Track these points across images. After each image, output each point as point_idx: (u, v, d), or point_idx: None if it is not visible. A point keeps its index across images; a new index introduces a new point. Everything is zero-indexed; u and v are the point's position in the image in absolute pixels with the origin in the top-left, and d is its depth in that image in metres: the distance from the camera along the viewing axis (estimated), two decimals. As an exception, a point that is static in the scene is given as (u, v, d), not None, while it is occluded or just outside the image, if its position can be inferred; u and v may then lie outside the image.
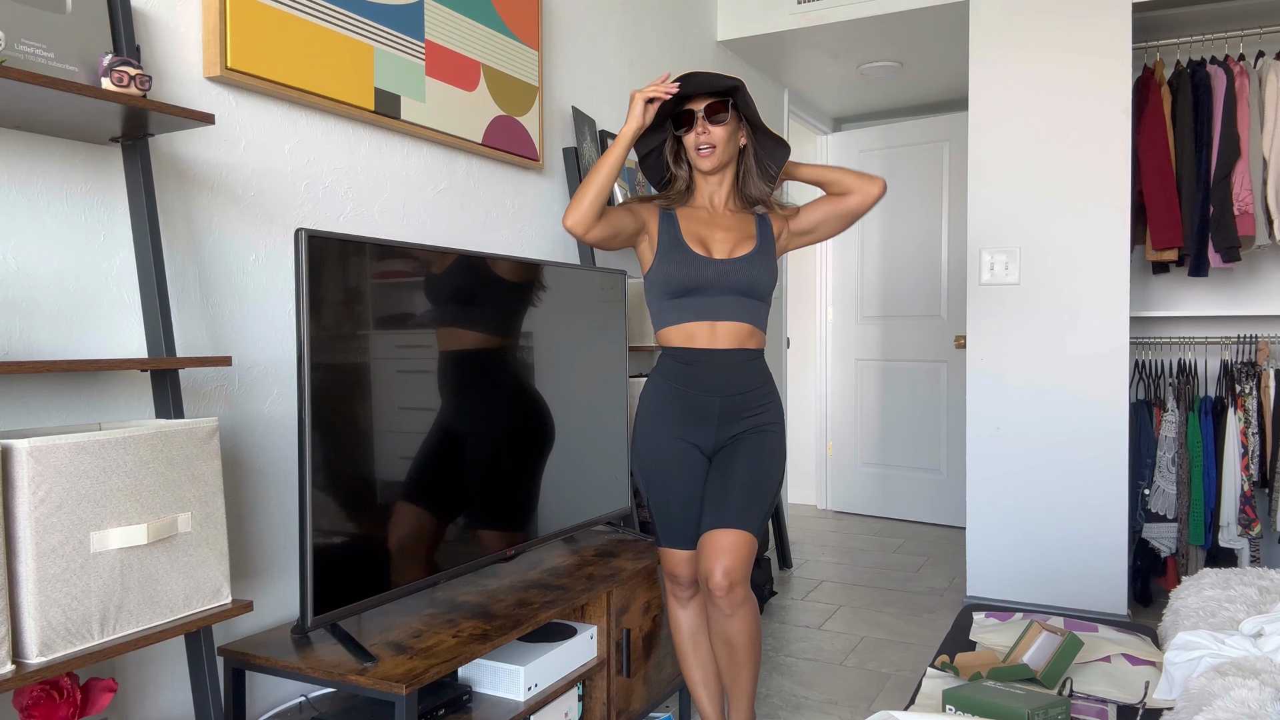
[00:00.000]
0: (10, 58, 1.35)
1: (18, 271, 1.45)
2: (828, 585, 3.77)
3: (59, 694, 1.33)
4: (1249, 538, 3.20)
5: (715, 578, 1.88)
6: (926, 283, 4.86)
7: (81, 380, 1.53)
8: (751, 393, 2.01)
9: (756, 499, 1.96)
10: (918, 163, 4.85)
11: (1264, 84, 3.14)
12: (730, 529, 1.91)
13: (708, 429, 2.00)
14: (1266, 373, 3.24)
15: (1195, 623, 1.68)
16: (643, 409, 2.05)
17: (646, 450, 2.03)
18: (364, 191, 2.10)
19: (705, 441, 2.01)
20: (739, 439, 2.00)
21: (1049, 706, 1.44)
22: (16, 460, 1.19)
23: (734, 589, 1.90)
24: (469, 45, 2.36)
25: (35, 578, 1.20)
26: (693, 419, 2.00)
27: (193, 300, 1.72)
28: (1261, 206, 3.12)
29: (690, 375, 1.99)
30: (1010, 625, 1.99)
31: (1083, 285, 3.18)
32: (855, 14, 3.58)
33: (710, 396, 1.99)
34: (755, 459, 1.98)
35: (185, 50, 1.70)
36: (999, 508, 3.32)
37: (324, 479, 1.61)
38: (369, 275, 1.71)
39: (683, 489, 2.00)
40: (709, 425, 2.00)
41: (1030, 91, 3.24)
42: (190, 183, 1.72)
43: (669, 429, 2.01)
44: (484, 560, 2.01)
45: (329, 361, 1.62)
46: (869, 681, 2.73)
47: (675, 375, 2.01)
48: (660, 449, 2.01)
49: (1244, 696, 1.19)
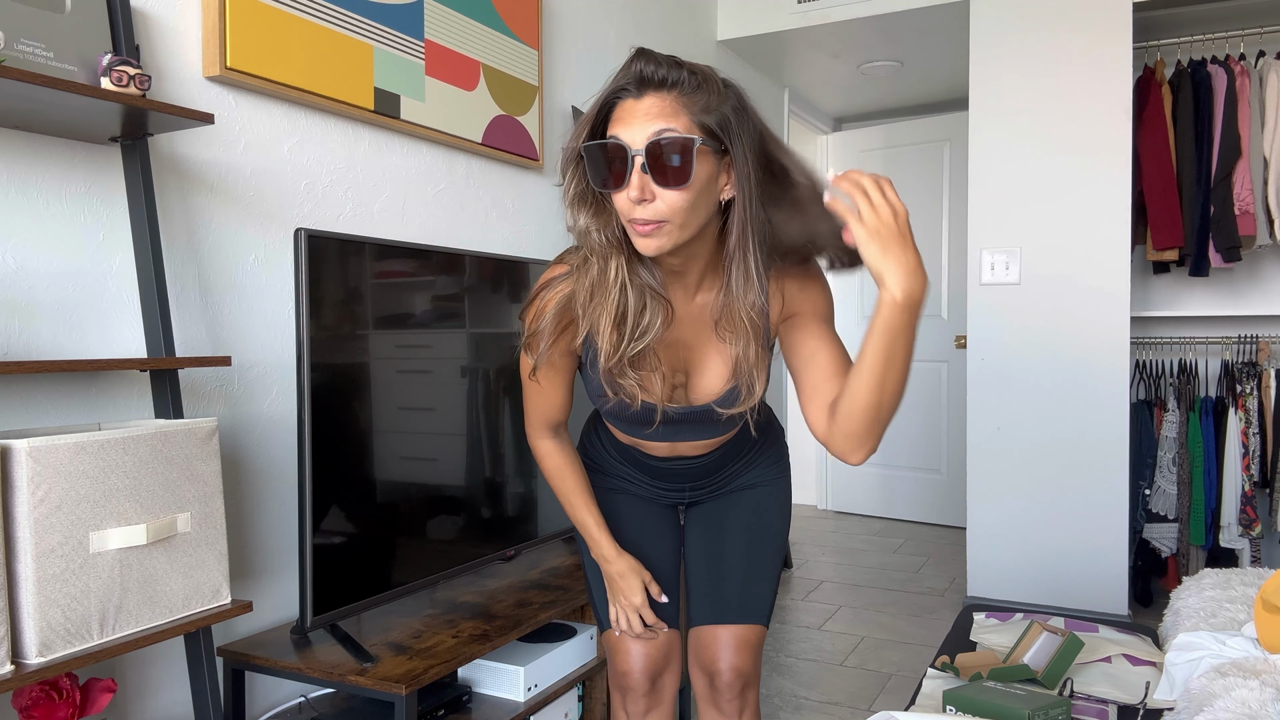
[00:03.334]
0: (10, 57, 1.35)
1: (17, 271, 1.45)
2: (828, 586, 3.77)
3: (58, 694, 1.33)
4: (1250, 538, 3.20)
5: (723, 675, 1.42)
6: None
7: (81, 380, 1.53)
8: (740, 459, 1.47)
9: (761, 575, 1.45)
10: (918, 162, 4.85)
11: (1265, 84, 3.14)
12: (733, 625, 1.43)
13: (676, 488, 1.49)
14: (1267, 373, 3.24)
15: (1196, 623, 1.67)
16: (580, 450, 1.52)
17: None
18: (364, 191, 2.10)
19: (671, 496, 1.50)
20: (725, 495, 1.49)
21: (1050, 707, 1.43)
22: (16, 460, 1.19)
23: (746, 690, 1.44)
24: (469, 45, 2.36)
25: (34, 578, 1.20)
26: (651, 477, 1.48)
27: (192, 300, 1.72)
28: (1262, 206, 3.12)
29: (646, 467, 1.46)
30: (1011, 626, 1.99)
31: (1083, 285, 3.18)
32: (856, 13, 3.58)
33: (678, 482, 1.48)
34: (753, 517, 1.47)
35: (185, 50, 1.70)
36: (999, 508, 3.32)
37: (323, 479, 1.60)
38: (368, 275, 1.71)
39: (637, 550, 1.46)
40: (678, 487, 1.49)
41: (1031, 91, 3.24)
42: (190, 182, 1.71)
43: (616, 475, 1.50)
44: (484, 560, 2.01)
45: (329, 361, 1.62)
46: (869, 682, 2.73)
47: (623, 456, 1.48)
48: (603, 495, 1.48)
49: (1245, 697, 1.19)
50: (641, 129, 1.05)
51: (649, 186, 1.06)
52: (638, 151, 1.05)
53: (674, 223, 1.09)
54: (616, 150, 1.07)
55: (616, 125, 1.08)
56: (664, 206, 1.07)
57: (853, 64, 4.21)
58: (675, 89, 1.07)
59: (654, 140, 1.04)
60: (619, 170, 1.07)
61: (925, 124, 4.82)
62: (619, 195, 1.09)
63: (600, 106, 1.11)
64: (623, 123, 1.07)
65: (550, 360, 1.28)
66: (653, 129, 1.05)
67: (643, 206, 1.07)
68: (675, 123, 1.05)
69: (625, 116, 1.07)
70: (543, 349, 1.23)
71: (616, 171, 1.08)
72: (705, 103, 1.08)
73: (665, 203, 1.07)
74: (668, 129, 1.05)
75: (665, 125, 1.05)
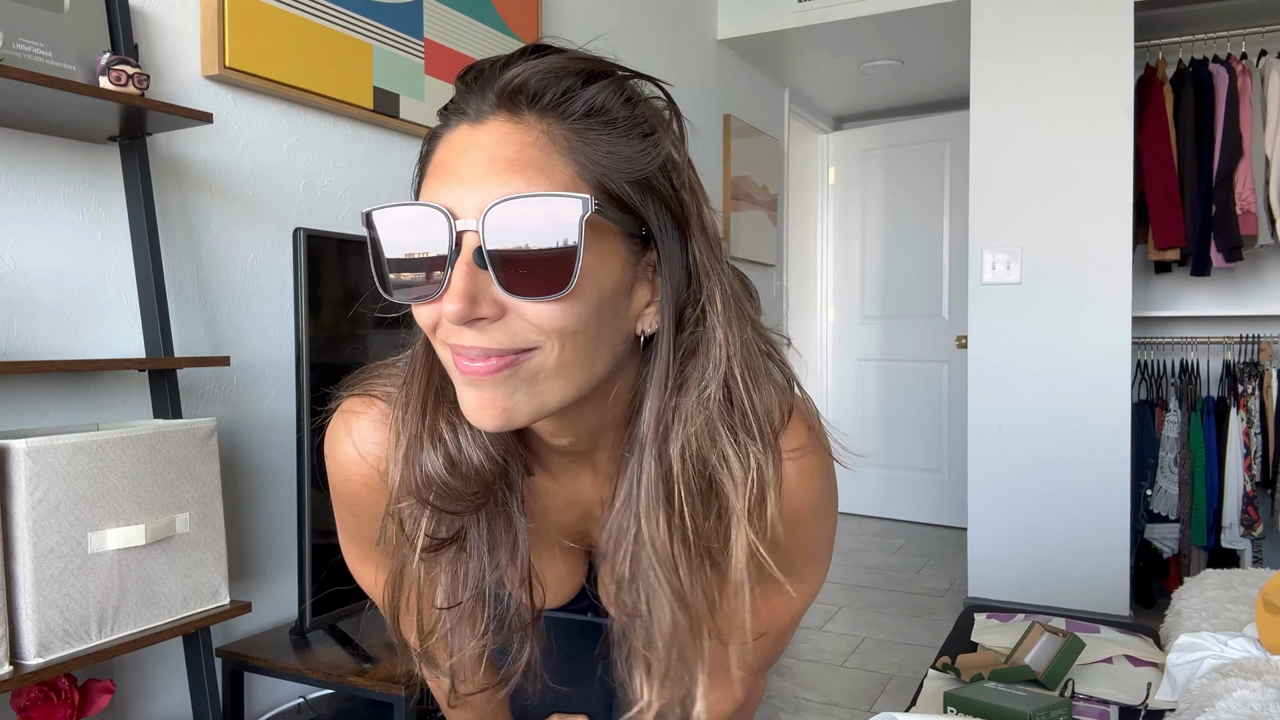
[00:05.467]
0: (8, 57, 1.35)
1: (15, 271, 1.45)
2: (828, 586, 3.77)
3: (57, 695, 1.33)
4: (1252, 538, 3.19)
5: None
6: (928, 282, 4.85)
7: (79, 380, 1.52)
8: None
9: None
10: (919, 162, 4.84)
11: (1266, 83, 3.13)
12: None
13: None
14: (1269, 373, 3.23)
15: (1197, 624, 1.67)
16: None
17: None
18: (363, 191, 2.09)
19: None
20: None
21: (1050, 708, 1.43)
22: (14, 461, 1.19)
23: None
24: (468, 44, 2.35)
25: (33, 578, 1.20)
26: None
27: (191, 300, 1.71)
28: (1264, 206, 3.11)
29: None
30: (1012, 626, 1.99)
31: (1084, 285, 3.17)
32: (856, 12, 3.57)
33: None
34: None
35: (183, 49, 1.70)
36: (1000, 508, 3.31)
37: (323, 479, 1.60)
38: (368, 275, 1.71)
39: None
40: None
41: (1032, 90, 3.23)
42: (188, 182, 1.71)
43: None
44: (484, 561, 2.00)
45: (328, 361, 1.61)
46: (870, 683, 2.72)
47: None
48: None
49: (1246, 698, 1.19)
50: (478, 184, 0.58)
51: (489, 292, 0.58)
52: (469, 225, 0.57)
53: (546, 361, 0.60)
54: (429, 223, 0.58)
55: (434, 182, 0.60)
56: (526, 329, 0.59)
57: (853, 63, 4.21)
58: (556, 111, 0.60)
59: (500, 204, 0.56)
60: (433, 264, 0.59)
61: (926, 123, 4.82)
62: (426, 309, 0.61)
63: (424, 145, 0.65)
64: (443, 175, 0.60)
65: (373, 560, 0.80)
66: (499, 186, 0.57)
67: (476, 331, 0.58)
68: (546, 175, 0.58)
69: (449, 162, 0.60)
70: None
71: (429, 266, 0.59)
72: (618, 146, 0.61)
73: (529, 322, 0.58)
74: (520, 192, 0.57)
75: (525, 179, 0.57)
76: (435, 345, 0.64)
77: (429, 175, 0.62)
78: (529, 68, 0.60)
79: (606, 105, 0.61)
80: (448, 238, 0.57)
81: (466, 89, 0.61)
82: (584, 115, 0.60)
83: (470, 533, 0.71)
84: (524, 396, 0.60)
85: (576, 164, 0.59)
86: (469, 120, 0.60)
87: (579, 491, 0.76)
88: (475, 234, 0.57)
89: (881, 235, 5.02)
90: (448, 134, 0.61)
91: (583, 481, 0.75)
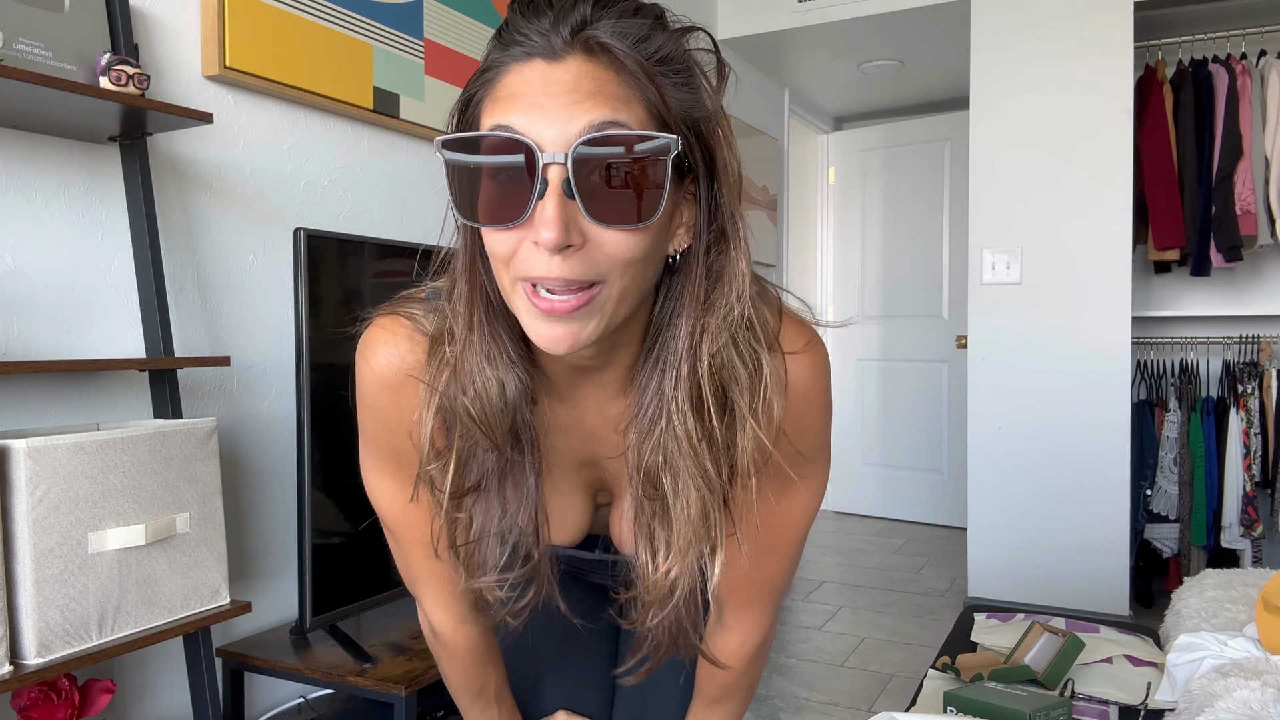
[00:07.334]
0: (8, 57, 1.35)
1: (15, 271, 1.45)
2: (828, 586, 3.77)
3: (57, 695, 1.33)
4: (1251, 538, 3.19)
5: None
6: (927, 282, 4.85)
7: (79, 380, 1.52)
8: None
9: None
10: (919, 162, 4.84)
11: (1266, 83, 3.13)
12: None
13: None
14: (1269, 373, 3.23)
15: (1197, 624, 1.67)
16: None
17: None
18: (363, 191, 2.09)
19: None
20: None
21: (1050, 708, 1.43)
22: (14, 461, 1.19)
23: None
24: (469, 44, 2.35)
25: (33, 578, 1.20)
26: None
27: (191, 300, 1.71)
28: (1264, 206, 3.11)
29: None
30: (1011, 626, 1.99)
31: (1084, 285, 3.17)
32: (856, 12, 3.57)
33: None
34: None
35: (183, 49, 1.70)
36: (1000, 508, 3.31)
37: (323, 479, 1.60)
38: (368, 275, 1.70)
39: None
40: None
41: (1032, 90, 3.23)
42: (189, 182, 1.71)
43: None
44: (484, 561, 2.00)
45: (328, 361, 1.61)
46: (870, 683, 2.72)
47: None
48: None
49: (1246, 697, 1.19)
50: (563, 117, 0.60)
51: (577, 222, 0.61)
52: (555, 158, 0.59)
53: (611, 291, 0.64)
54: (510, 152, 0.61)
55: (510, 107, 0.62)
56: (601, 259, 0.62)
57: (853, 63, 4.21)
58: (631, 54, 0.63)
59: (591, 140, 0.59)
60: (515, 192, 0.61)
61: (925, 123, 4.82)
62: (505, 236, 0.63)
63: (481, 74, 0.66)
64: (523, 104, 0.61)
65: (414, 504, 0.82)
66: (585, 119, 0.60)
67: (562, 258, 0.61)
68: (625, 113, 0.61)
69: (528, 94, 0.61)
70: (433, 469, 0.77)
71: (510, 193, 0.61)
72: (679, 91, 0.65)
73: (605, 252, 0.62)
74: (614, 121, 0.61)
75: (609, 115, 0.61)
76: (500, 275, 0.66)
77: (500, 101, 0.63)
78: (601, 11, 0.63)
79: (673, 54, 0.65)
80: (538, 168, 0.60)
81: (528, 22, 0.63)
82: (655, 60, 0.64)
83: (486, 469, 0.76)
84: (594, 325, 0.64)
85: (647, 101, 0.63)
86: (542, 55, 0.62)
87: (584, 415, 0.79)
88: (563, 166, 0.60)
89: (881, 235, 5.02)
90: (517, 65, 0.63)
91: (587, 404, 0.79)
